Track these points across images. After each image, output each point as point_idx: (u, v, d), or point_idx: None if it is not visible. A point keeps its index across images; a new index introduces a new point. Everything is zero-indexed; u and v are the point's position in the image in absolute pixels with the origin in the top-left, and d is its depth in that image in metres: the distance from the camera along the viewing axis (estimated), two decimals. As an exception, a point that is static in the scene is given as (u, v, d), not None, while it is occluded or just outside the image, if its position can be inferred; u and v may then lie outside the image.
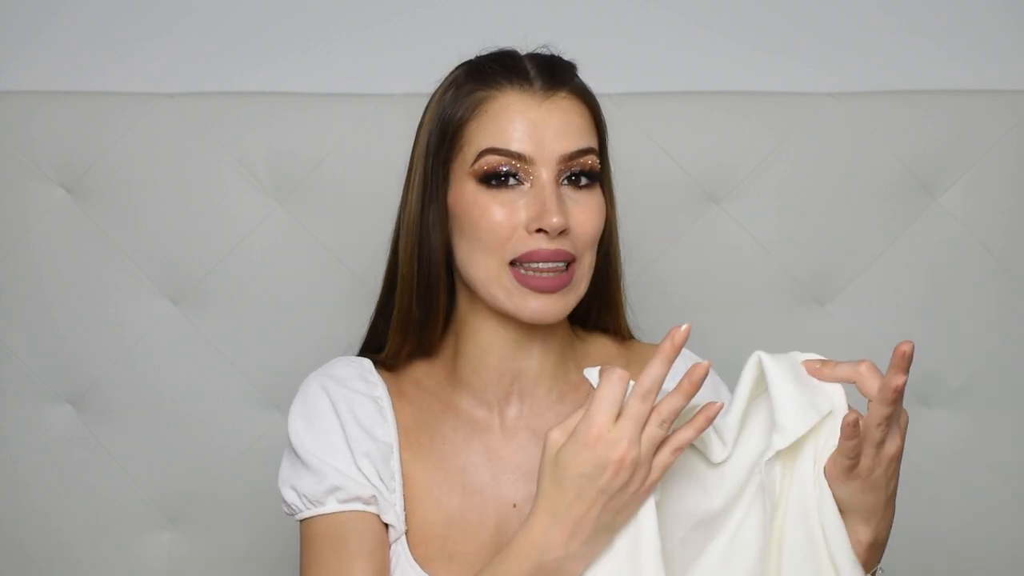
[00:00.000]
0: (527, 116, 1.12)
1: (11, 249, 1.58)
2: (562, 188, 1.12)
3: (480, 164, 1.11)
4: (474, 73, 1.16)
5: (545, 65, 1.15)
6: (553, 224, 1.09)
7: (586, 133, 1.14)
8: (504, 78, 1.13)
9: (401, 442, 1.17)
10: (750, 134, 1.60)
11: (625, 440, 0.96)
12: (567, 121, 1.13)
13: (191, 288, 1.58)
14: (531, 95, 1.12)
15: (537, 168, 1.11)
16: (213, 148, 1.58)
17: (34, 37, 1.66)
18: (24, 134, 1.57)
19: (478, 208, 1.11)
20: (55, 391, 1.60)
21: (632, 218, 1.55)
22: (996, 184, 1.60)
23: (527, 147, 1.11)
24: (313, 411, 1.16)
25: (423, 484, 1.16)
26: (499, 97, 1.13)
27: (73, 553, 1.60)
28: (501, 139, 1.11)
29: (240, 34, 1.66)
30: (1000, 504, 1.62)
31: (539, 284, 1.10)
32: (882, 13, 1.69)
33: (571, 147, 1.12)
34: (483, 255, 1.12)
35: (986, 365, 1.61)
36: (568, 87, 1.15)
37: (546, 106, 1.12)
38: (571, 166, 1.12)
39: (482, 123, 1.13)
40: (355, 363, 1.21)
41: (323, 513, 1.12)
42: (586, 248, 1.13)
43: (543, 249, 1.10)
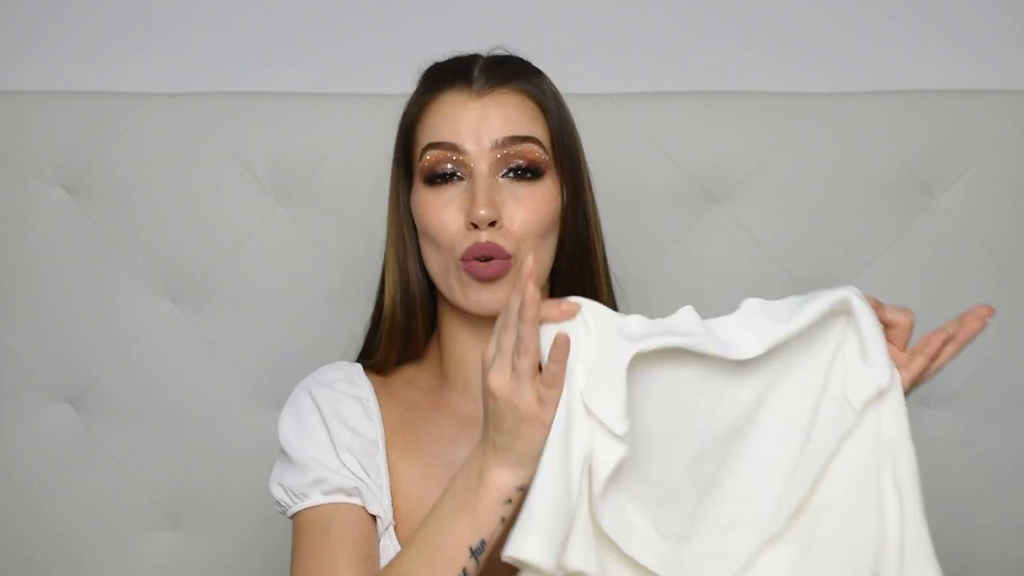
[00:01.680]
0: (463, 110, 1.15)
1: (11, 249, 1.58)
2: (502, 181, 1.14)
3: (423, 162, 1.15)
4: (426, 78, 1.21)
5: (491, 65, 1.18)
6: (480, 216, 1.11)
7: (526, 124, 1.15)
8: (448, 80, 1.17)
9: (388, 439, 1.18)
10: (750, 134, 1.60)
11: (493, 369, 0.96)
12: (504, 113, 1.15)
13: (191, 288, 1.59)
14: (468, 93, 1.15)
15: (472, 159, 1.13)
16: (213, 148, 1.58)
17: (34, 37, 1.66)
18: (24, 134, 1.58)
19: (423, 208, 1.15)
20: (55, 391, 1.60)
21: (632, 218, 1.56)
22: (996, 184, 1.60)
23: (460, 138, 1.14)
24: (300, 415, 1.19)
25: (410, 478, 1.17)
26: (440, 97, 1.17)
27: (73, 553, 1.60)
28: (439, 134, 1.15)
29: (240, 34, 1.66)
30: (1000, 504, 1.62)
31: (481, 273, 1.12)
32: (882, 13, 1.69)
33: (504, 133, 1.14)
34: (437, 254, 1.15)
35: (986, 365, 1.61)
36: (511, 84, 1.17)
37: (484, 100, 1.15)
38: (508, 156, 1.14)
39: (425, 123, 1.17)
40: (343, 367, 1.24)
41: (309, 506, 1.14)
42: (523, 242, 1.13)
43: (477, 243, 1.12)
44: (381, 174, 1.39)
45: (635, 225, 1.56)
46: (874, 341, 0.98)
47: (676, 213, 1.59)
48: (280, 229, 1.58)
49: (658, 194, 1.58)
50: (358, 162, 1.57)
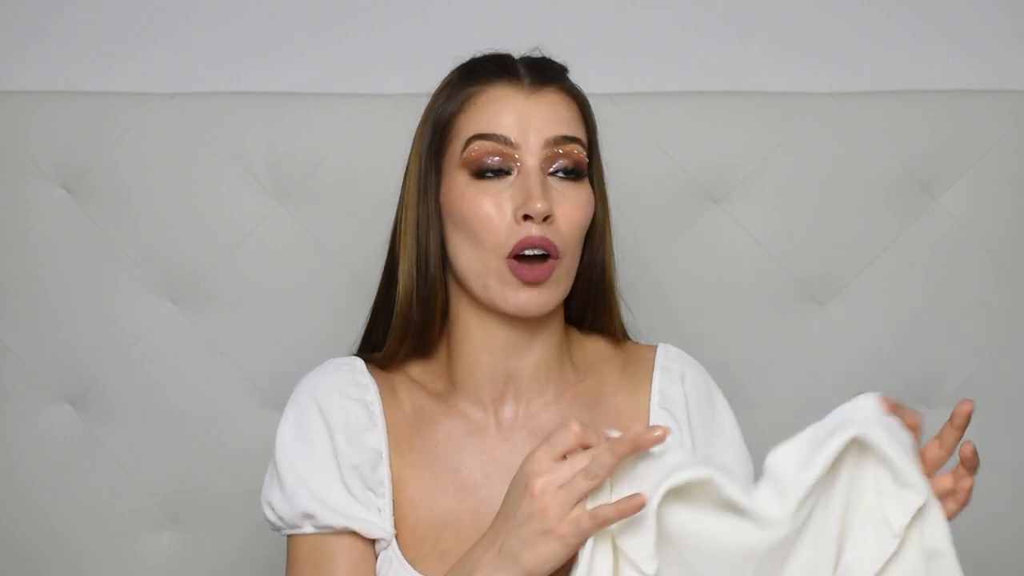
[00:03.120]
0: (514, 105, 1.14)
1: (11, 249, 1.58)
2: (549, 179, 1.14)
3: (469, 152, 1.14)
4: (466, 72, 1.19)
5: (535, 64, 1.19)
6: (538, 209, 1.10)
7: (573, 125, 1.16)
8: (494, 74, 1.16)
9: (391, 447, 1.17)
10: (750, 134, 1.60)
11: (547, 474, 0.96)
12: (554, 111, 1.15)
13: (191, 288, 1.59)
14: (519, 88, 1.15)
15: (523, 154, 1.13)
16: (213, 148, 1.58)
17: (34, 37, 1.66)
18: (24, 134, 1.57)
19: (467, 200, 1.13)
20: (55, 391, 1.60)
21: (632, 218, 1.56)
22: (996, 184, 1.60)
23: (513, 132, 1.13)
24: (302, 420, 1.17)
25: (414, 487, 1.16)
26: (488, 90, 1.16)
27: (73, 553, 1.60)
28: (488, 125, 1.14)
29: (240, 34, 1.66)
30: (1000, 504, 1.62)
31: (526, 275, 1.11)
32: (882, 13, 1.69)
33: (556, 132, 1.14)
34: (478, 249, 1.13)
35: (986, 365, 1.61)
36: (557, 84, 1.17)
37: (534, 98, 1.15)
38: (557, 155, 1.14)
39: (471, 114, 1.15)
40: (346, 365, 1.21)
41: (300, 534, 1.13)
42: (571, 240, 1.14)
43: (531, 237, 1.11)
44: (381, 174, 1.39)
45: (635, 225, 1.56)
46: (902, 462, 0.97)
47: (676, 213, 1.59)
48: (280, 229, 1.58)
49: (658, 194, 1.58)
50: (358, 162, 1.57)
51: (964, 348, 1.60)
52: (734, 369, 1.57)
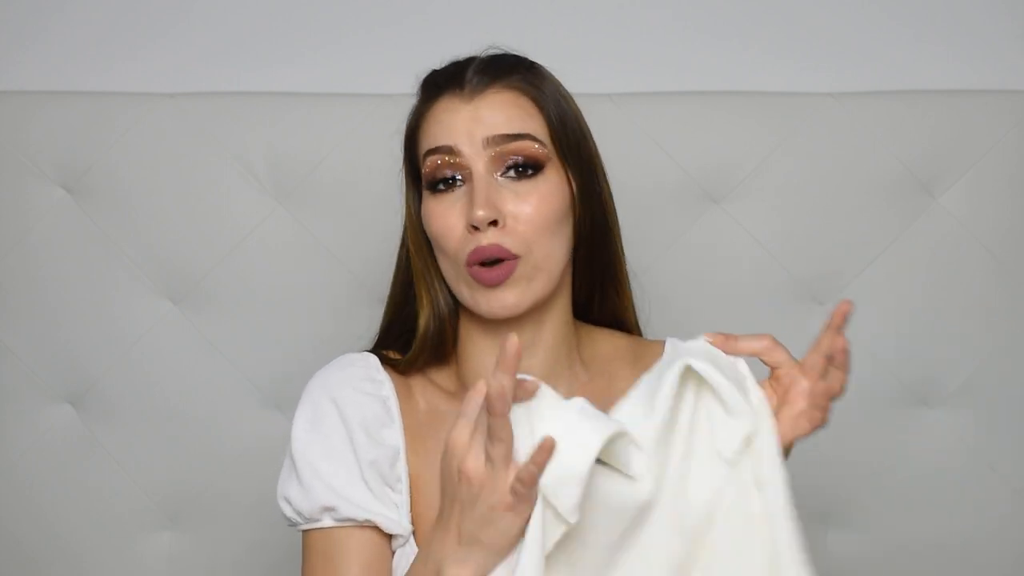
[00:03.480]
0: (456, 114, 1.15)
1: (11, 249, 1.58)
2: (502, 179, 1.13)
3: (425, 167, 1.16)
4: (424, 87, 1.21)
5: (483, 66, 1.18)
6: (478, 217, 1.10)
7: (519, 120, 1.15)
8: (443, 87, 1.17)
9: (407, 443, 1.17)
10: (750, 134, 1.60)
11: (470, 454, 0.95)
12: (496, 111, 1.14)
13: (191, 288, 1.59)
14: (460, 96, 1.15)
15: (470, 161, 1.13)
16: (213, 148, 1.58)
17: (34, 37, 1.66)
18: (24, 134, 1.58)
19: (428, 215, 1.16)
20: (55, 391, 1.60)
21: (632, 218, 1.55)
22: (996, 184, 1.60)
23: (455, 140, 1.13)
24: (318, 414, 1.16)
25: (431, 484, 1.15)
26: (436, 104, 1.17)
27: (73, 553, 1.60)
28: (436, 139, 1.15)
29: (240, 34, 1.66)
30: (1000, 504, 1.62)
31: (486, 278, 1.12)
32: (882, 13, 1.69)
33: (496, 131, 1.13)
34: (446, 260, 1.15)
35: (986, 365, 1.61)
36: (501, 82, 1.16)
37: (476, 101, 1.15)
38: (504, 154, 1.13)
39: (424, 130, 1.17)
40: (360, 361, 1.21)
41: (319, 528, 1.13)
42: (533, 239, 1.13)
43: (480, 246, 1.11)
44: (381, 174, 1.39)
45: (635, 225, 1.56)
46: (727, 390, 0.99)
47: (676, 213, 1.59)
48: (280, 229, 1.58)
49: (658, 194, 1.58)
50: (358, 162, 1.57)
51: (964, 348, 1.60)
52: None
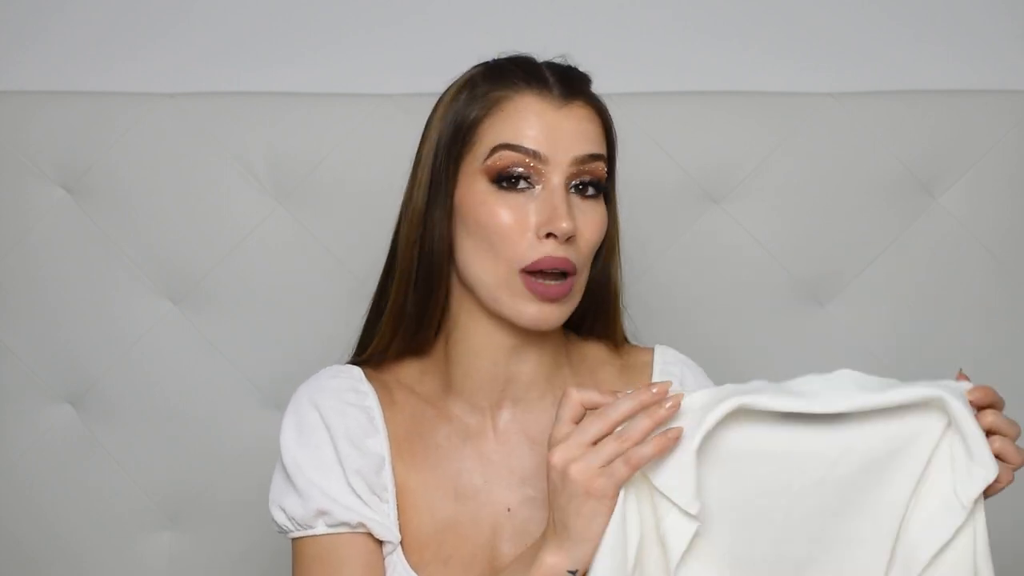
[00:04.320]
0: (544, 118, 1.12)
1: (11, 249, 1.58)
2: (571, 196, 1.12)
3: (493, 160, 1.11)
4: (491, 74, 1.16)
5: (563, 73, 1.16)
6: (563, 229, 1.08)
7: (599, 141, 1.15)
8: (523, 80, 1.13)
9: (393, 452, 1.16)
10: (750, 134, 1.60)
11: (563, 446, 0.98)
12: (582, 127, 1.13)
13: (191, 288, 1.59)
14: (549, 100, 1.12)
15: (549, 169, 1.11)
16: (213, 148, 1.58)
17: (34, 37, 1.66)
18: (24, 134, 1.58)
19: (486, 209, 1.11)
20: (55, 391, 1.60)
21: (632, 218, 1.55)
22: (996, 184, 1.60)
23: (542, 146, 1.11)
24: (304, 427, 1.16)
25: (416, 492, 1.15)
26: (516, 98, 1.13)
27: (73, 553, 1.60)
28: (517, 136, 1.11)
29: (240, 34, 1.66)
30: (1000, 504, 1.61)
31: (545, 292, 1.10)
32: (882, 13, 1.69)
33: (585, 150, 1.12)
34: (491, 259, 1.11)
35: (986, 365, 1.61)
36: (585, 97, 1.15)
37: (563, 112, 1.12)
38: (581, 172, 1.12)
39: (497, 121, 1.12)
40: (345, 372, 1.20)
41: (312, 535, 1.13)
42: (586, 259, 1.14)
43: (551, 256, 1.09)
44: (381, 173, 1.39)
45: (635, 225, 1.56)
46: (976, 439, 0.98)
47: (676, 213, 1.59)
48: (280, 229, 1.58)
49: (658, 194, 1.58)
50: (358, 162, 1.57)
51: (964, 348, 1.60)
52: (734, 369, 1.57)
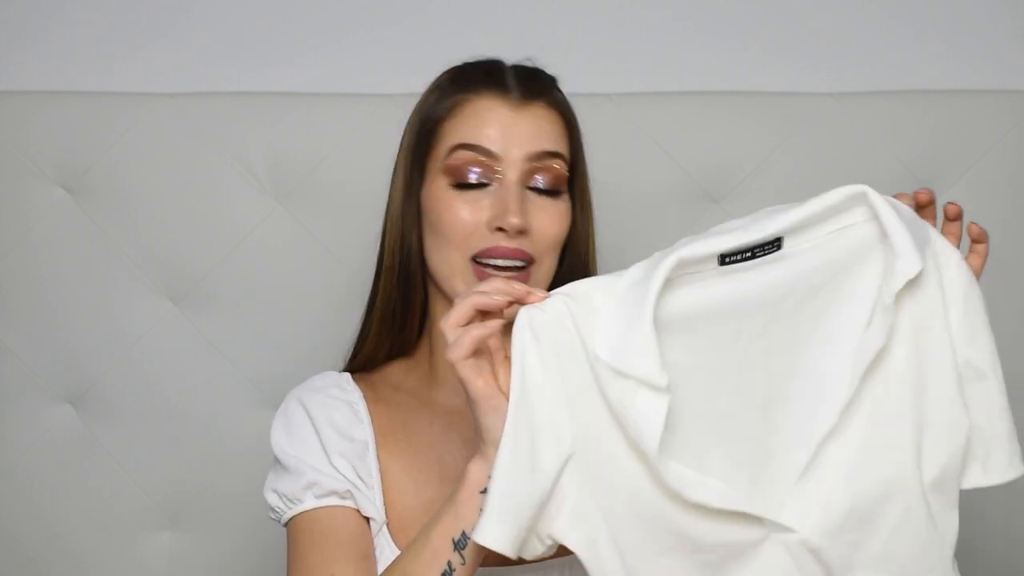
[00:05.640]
0: (500, 117, 1.15)
1: (11, 249, 1.58)
2: (527, 192, 1.15)
3: (451, 159, 1.15)
4: (456, 77, 1.20)
5: (525, 76, 1.19)
6: (512, 224, 1.12)
7: (556, 140, 1.17)
8: (483, 83, 1.17)
9: (378, 440, 1.19)
10: (750, 134, 1.60)
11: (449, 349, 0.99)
12: (538, 126, 1.16)
13: (191, 288, 1.59)
14: (507, 100, 1.16)
15: (504, 167, 1.14)
16: (213, 148, 1.58)
17: (34, 37, 1.66)
18: (24, 134, 1.58)
19: (444, 205, 1.15)
20: (55, 391, 1.60)
21: (632, 218, 1.56)
22: (996, 184, 1.60)
23: (496, 145, 1.14)
24: (290, 420, 1.20)
25: (400, 476, 1.18)
26: (476, 100, 1.17)
27: (73, 553, 1.60)
28: (473, 136, 1.15)
29: (240, 34, 1.66)
30: (1000, 504, 1.61)
31: None
32: (882, 13, 1.69)
33: (539, 147, 1.15)
34: (446, 250, 1.15)
35: (986, 365, 1.60)
36: (545, 98, 1.18)
37: (521, 112, 1.16)
38: (537, 169, 1.15)
39: (457, 122, 1.17)
40: (331, 376, 1.25)
41: (303, 510, 1.15)
42: (546, 252, 1.16)
43: (501, 246, 1.13)
44: (381, 173, 1.39)
45: (635, 225, 1.56)
46: (896, 232, 0.96)
47: (676, 213, 1.59)
48: (280, 229, 1.58)
49: (658, 194, 1.58)
50: (358, 162, 1.57)
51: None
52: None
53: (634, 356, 0.93)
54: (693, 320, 0.96)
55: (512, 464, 0.93)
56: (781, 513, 0.97)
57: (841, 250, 0.98)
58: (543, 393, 0.95)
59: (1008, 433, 1.00)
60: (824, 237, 0.98)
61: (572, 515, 0.96)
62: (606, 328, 0.95)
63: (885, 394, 0.98)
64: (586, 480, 0.96)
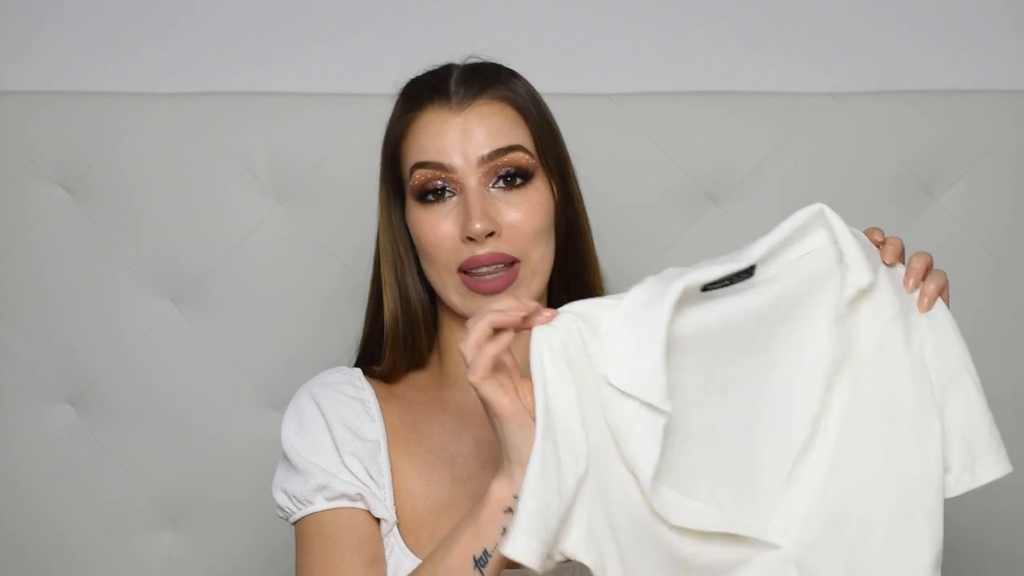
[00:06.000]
0: (446, 127, 1.16)
1: (11, 249, 1.58)
2: (494, 191, 1.15)
3: (413, 180, 1.16)
4: (406, 95, 1.21)
5: (467, 75, 1.19)
6: (476, 230, 1.12)
7: (509, 132, 1.16)
8: (427, 96, 1.18)
9: (389, 439, 1.19)
10: (750, 134, 1.60)
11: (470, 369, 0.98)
12: (485, 125, 1.16)
13: (191, 288, 1.59)
14: (448, 108, 1.16)
15: (462, 176, 1.14)
16: (213, 148, 1.58)
17: (34, 37, 1.66)
18: (24, 134, 1.58)
19: (418, 226, 1.17)
20: (55, 391, 1.60)
21: (632, 218, 1.56)
22: (996, 184, 1.60)
23: (448, 157, 1.15)
24: (302, 417, 1.19)
25: (412, 476, 1.18)
26: (421, 115, 1.18)
27: (73, 553, 1.60)
28: (425, 153, 1.16)
29: (240, 34, 1.66)
30: (1000, 504, 1.62)
31: (484, 287, 1.14)
32: (882, 13, 1.69)
33: (489, 147, 1.15)
34: (435, 268, 1.17)
35: (986, 365, 1.60)
36: (487, 93, 1.17)
37: (464, 115, 1.16)
38: (497, 167, 1.15)
39: (411, 141, 1.18)
40: (344, 371, 1.24)
41: (312, 512, 1.14)
42: (528, 245, 1.15)
43: (477, 255, 1.13)
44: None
45: (635, 225, 1.56)
46: (848, 246, 1.00)
47: (676, 213, 1.59)
48: (280, 229, 1.58)
49: (658, 194, 1.58)
50: (358, 162, 1.57)
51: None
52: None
53: (643, 380, 0.95)
54: (681, 343, 0.97)
55: (542, 481, 0.94)
56: (767, 530, 0.99)
57: (806, 273, 1.01)
58: (562, 410, 0.96)
59: (990, 432, 1.03)
60: (793, 262, 1.01)
61: (587, 532, 0.97)
62: (614, 351, 0.97)
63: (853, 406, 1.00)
64: (597, 497, 0.97)
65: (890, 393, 1.00)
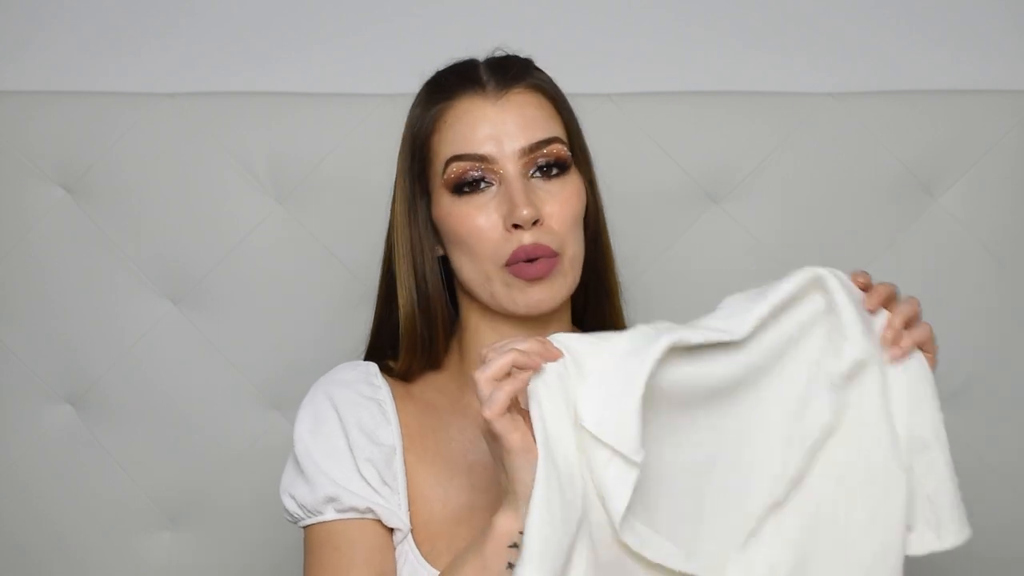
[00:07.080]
0: (484, 117, 1.14)
1: (11, 249, 1.58)
2: (532, 181, 1.14)
3: (449, 174, 1.14)
4: (433, 87, 1.20)
5: (497, 66, 1.18)
6: (523, 216, 1.11)
7: (546, 123, 1.16)
8: (458, 85, 1.16)
9: (405, 444, 1.18)
10: (750, 134, 1.60)
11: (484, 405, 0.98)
12: (524, 115, 1.15)
13: (191, 288, 1.59)
14: (485, 97, 1.15)
15: (502, 165, 1.13)
16: (213, 148, 1.58)
17: (34, 37, 1.66)
18: (24, 134, 1.57)
19: (455, 218, 1.14)
20: (55, 391, 1.60)
21: (632, 218, 1.56)
22: (996, 184, 1.60)
23: (488, 147, 1.13)
24: (318, 417, 1.17)
25: (428, 483, 1.17)
26: (455, 104, 1.16)
27: (73, 553, 1.60)
28: (463, 145, 1.14)
29: (240, 34, 1.66)
30: (1000, 504, 1.62)
31: (530, 271, 1.12)
32: (882, 13, 1.69)
33: (531, 139, 1.14)
34: (477, 261, 1.14)
35: (986, 365, 1.61)
36: (523, 83, 1.17)
37: (501, 104, 1.15)
38: (536, 158, 1.14)
39: (444, 133, 1.16)
40: (360, 367, 1.23)
41: (321, 521, 1.14)
42: (566, 237, 1.14)
43: (523, 246, 1.11)
44: (381, 174, 1.39)
45: (635, 225, 1.56)
46: (848, 316, 1.00)
47: (676, 213, 1.59)
48: (280, 229, 1.58)
49: (658, 194, 1.58)
50: (358, 162, 1.57)
51: (964, 348, 1.60)
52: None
53: (616, 428, 0.95)
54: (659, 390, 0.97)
55: (548, 514, 0.94)
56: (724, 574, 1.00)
57: (792, 324, 1.01)
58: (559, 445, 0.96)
59: (955, 499, 1.03)
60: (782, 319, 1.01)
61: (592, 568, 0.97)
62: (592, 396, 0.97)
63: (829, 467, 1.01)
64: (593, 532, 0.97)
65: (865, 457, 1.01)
